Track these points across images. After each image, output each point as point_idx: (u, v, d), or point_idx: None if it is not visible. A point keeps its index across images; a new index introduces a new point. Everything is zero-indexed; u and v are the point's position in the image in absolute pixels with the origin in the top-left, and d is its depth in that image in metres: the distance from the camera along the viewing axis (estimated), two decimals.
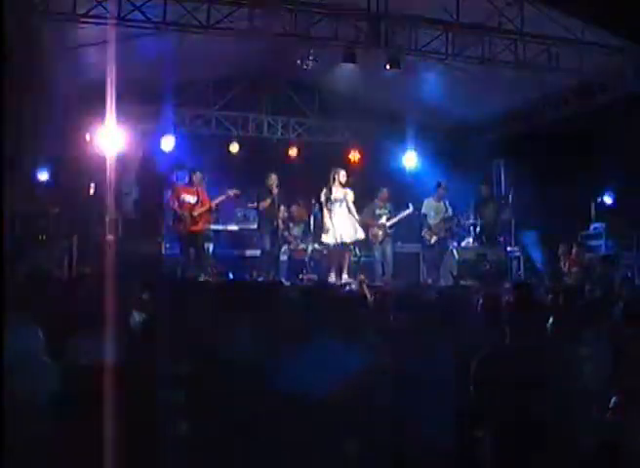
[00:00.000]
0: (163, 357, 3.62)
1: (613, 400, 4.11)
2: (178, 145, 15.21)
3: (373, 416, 3.94)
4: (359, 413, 3.88)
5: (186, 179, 12.92)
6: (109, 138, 12.81)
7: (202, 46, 12.10)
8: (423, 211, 13.55)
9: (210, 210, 12.65)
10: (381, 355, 4.24)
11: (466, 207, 14.66)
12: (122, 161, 12.90)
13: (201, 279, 10.86)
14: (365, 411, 3.90)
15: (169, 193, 13.09)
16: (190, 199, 12.39)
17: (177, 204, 12.39)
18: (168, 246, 13.00)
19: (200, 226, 12.53)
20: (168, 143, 15.15)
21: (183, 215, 12.31)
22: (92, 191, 12.69)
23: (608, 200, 13.45)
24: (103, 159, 12.38)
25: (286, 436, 3.69)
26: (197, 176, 12.59)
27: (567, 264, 12.56)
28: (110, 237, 11.08)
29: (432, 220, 13.50)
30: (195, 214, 12.33)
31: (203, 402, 3.62)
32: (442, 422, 4.10)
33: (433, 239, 13.51)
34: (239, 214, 15.00)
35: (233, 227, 14.79)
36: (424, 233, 13.60)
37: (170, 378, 3.59)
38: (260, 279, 12.11)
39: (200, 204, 12.41)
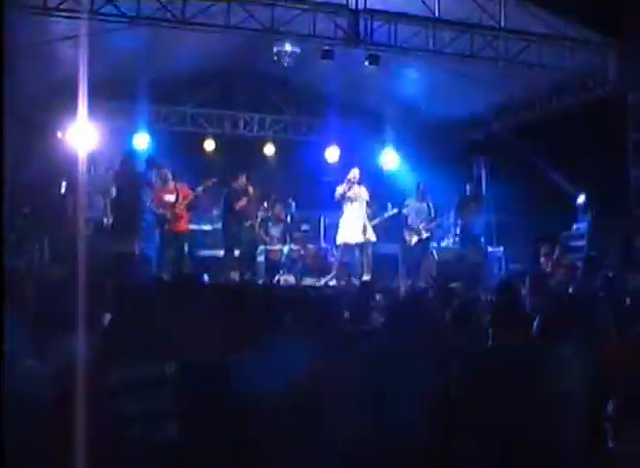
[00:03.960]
0: (130, 358, 3.54)
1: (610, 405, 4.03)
2: (151, 143, 15.09)
3: (345, 421, 3.77)
4: (331, 416, 3.73)
5: (155, 178, 12.86)
6: (81, 136, 12.68)
7: (177, 41, 11.95)
8: (404, 211, 13.46)
9: (192, 200, 12.52)
10: (349, 357, 4.10)
11: (448, 206, 14.53)
12: (95, 159, 12.72)
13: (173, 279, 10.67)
14: (338, 415, 3.75)
15: (150, 195, 13.04)
16: (170, 198, 12.39)
17: (159, 206, 12.41)
18: (144, 246, 12.80)
19: (184, 225, 12.56)
20: (142, 141, 15.03)
21: (166, 216, 12.27)
22: (63, 190, 12.45)
23: (590, 199, 13.35)
24: (75, 157, 12.20)
25: (254, 436, 3.60)
26: (163, 174, 12.59)
27: (549, 265, 12.50)
28: (82, 236, 10.86)
29: (413, 221, 13.41)
30: (177, 211, 12.32)
31: (171, 404, 3.55)
32: (421, 424, 3.97)
33: (414, 240, 13.40)
34: (215, 213, 14.76)
35: (207, 227, 14.60)
36: (405, 234, 13.50)
37: (138, 380, 3.52)
38: (235, 280, 11.95)
39: (181, 199, 12.37)
